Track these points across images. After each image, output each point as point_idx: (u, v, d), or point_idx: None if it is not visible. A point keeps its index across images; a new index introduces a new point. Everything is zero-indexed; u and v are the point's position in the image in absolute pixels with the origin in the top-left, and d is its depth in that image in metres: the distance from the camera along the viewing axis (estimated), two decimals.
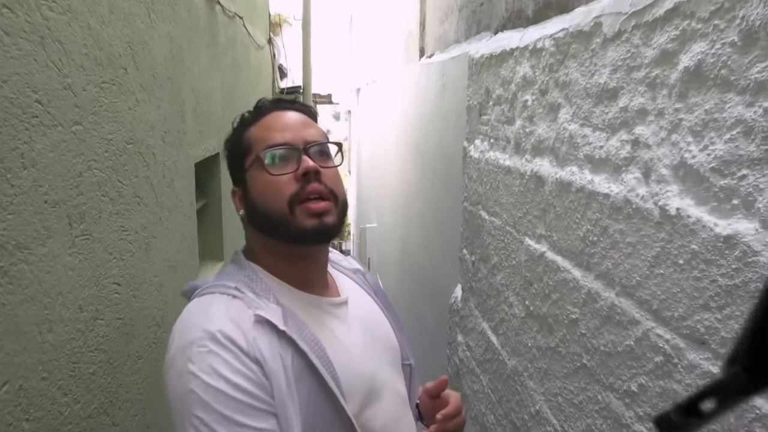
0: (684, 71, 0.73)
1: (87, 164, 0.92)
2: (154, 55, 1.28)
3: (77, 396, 0.88)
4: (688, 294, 0.70)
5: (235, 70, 2.46)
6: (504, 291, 1.38)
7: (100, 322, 0.97)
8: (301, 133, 0.91)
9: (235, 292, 0.83)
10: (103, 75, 0.98)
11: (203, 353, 0.75)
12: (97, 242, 0.96)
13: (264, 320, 0.81)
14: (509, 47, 1.36)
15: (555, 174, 1.09)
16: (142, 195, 1.19)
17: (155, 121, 1.28)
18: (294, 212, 0.86)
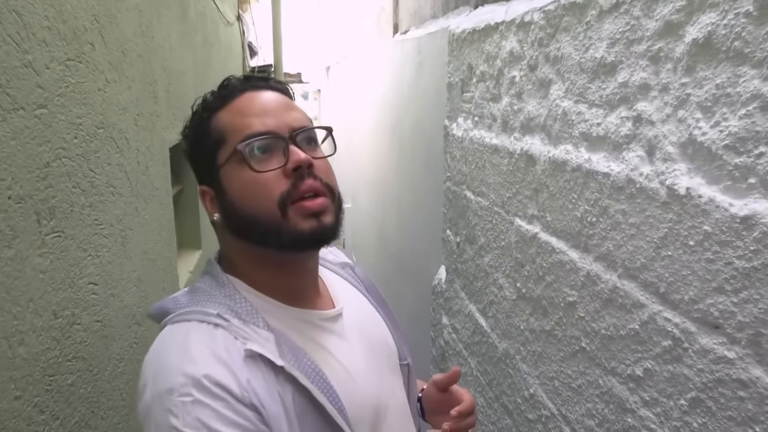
0: (692, 44, 0.69)
1: (55, 153, 0.83)
2: (123, 29, 1.18)
3: (55, 412, 0.81)
4: (700, 277, 0.67)
5: (206, 48, 2.35)
6: (493, 273, 1.35)
7: (77, 327, 0.89)
8: (285, 117, 0.77)
9: (217, 320, 0.70)
10: (68, 51, 0.89)
11: (187, 404, 0.62)
12: (69, 239, 0.87)
13: (257, 354, 0.68)
14: (494, 21, 1.32)
15: (547, 153, 1.05)
16: (116, 184, 1.10)
17: (127, 103, 1.18)
18: (286, 214, 0.73)
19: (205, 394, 0.63)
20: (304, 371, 0.70)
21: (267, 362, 0.68)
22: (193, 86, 1.91)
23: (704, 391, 0.67)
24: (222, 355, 0.67)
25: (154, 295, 1.31)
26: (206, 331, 0.69)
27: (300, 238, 0.73)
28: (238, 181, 0.75)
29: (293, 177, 0.73)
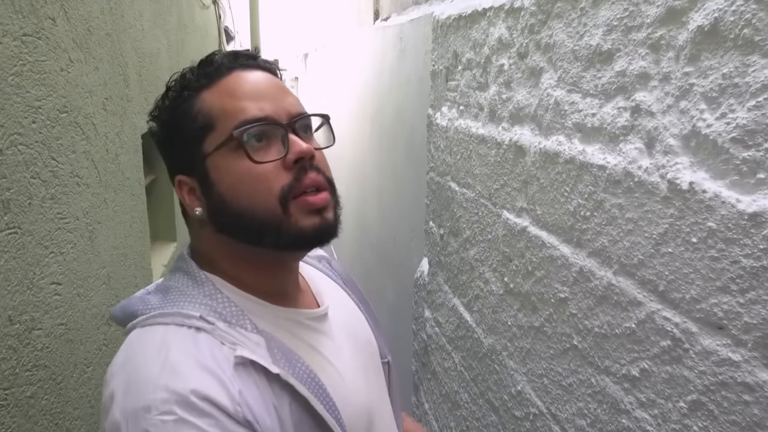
0: (696, 31, 0.66)
1: (9, 139, 0.75)
2: (88, 5, 1.09)
3: (13, 428, 0.74)
4: (703, 275, 0.65)
5: (181, 31, 2.26)
6: (479, 266, 1.32)
7: (37, 332, 0.82)
8: (282, 102, 0.69)
9: (200, 323, 0.62)
10: (24, 25, 0.81)
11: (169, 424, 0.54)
12: (27, 235, 0.80)
13: (248, 361, 0.61)
14: (481, 7, 1.27)
15: (538, 143, 1.02)
16: (82, 174, 1.02)
17: (94, 86, 1.10)
18: (288, 210, 0.65)
19: (191, 412, 0.55)
20: (301, 379, 0.64)
21: (259, 369, 0.62)
22: (167, 69, 1.83)
23: (706, 393, 0.65)
24: (209, 364, 0.59)
25: (125, 292, 1.24)
26: (187, 336, 0.61)
27: (301, 236, 0.67)
28: (232, 173, 0.66)
29: (295, 169, 0.66)
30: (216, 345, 0.61)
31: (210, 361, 0.59)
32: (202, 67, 0.71)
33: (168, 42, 1.91)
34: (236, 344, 0.62)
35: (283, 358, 0.64)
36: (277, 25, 7.46)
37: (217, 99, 0.68)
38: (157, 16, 1.78)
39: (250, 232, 0.67)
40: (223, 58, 0.71)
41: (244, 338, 0.63)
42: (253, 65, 0.72)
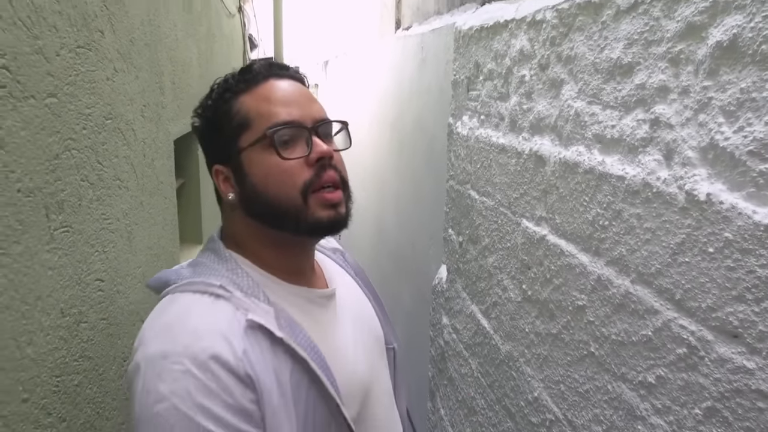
0: (715, 46, 0.68)
1: (64, 144, 0.80)
2: (131, 17, 1.15)
3: (62, 414, 0.78)
4: (719, 284, 0.66)
5: (210, 40, 2.32)
6: (497, 274, 1.34)
7: (83, 325, 0.87)
8: (308, 109, 0.80)
9: (220, 291, 0.73)
10: (78, 38, 0.86)
11: (177, 373, 0.64)
12: (77, 234, 0.85)
13: (256, 325, 0.71)
14: (503, 19, 1.30)
15: (558, 154, 1.04)
16: (123, 177, 1.07)
17: (134, 94, 1.15)
18: (307, 202, 0.77)
19: (197, 367, 0.65)
20: (301, 344, 0.73)
21: (266, 334, 0.71)
22: (197, 77, 1.88)
23: (721, 400, 0.66)
24: (222, 326, 0.69)
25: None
26: (208, 303, 0.72)
27: (318, 225, 0.78)
28: (263, 166, 0.77)
29: (316, 167, 0.77)
30: (231, 310, 0.71)
31: (223, 324, 0.69)
32: (242, 73, 0.83)
33: (198, 51, 1.97)
34: (249, 311, 0.72)
35: (288, 326, 0.74)
36: (299, 32, 7.55)
37: (254, 102, 0.79)
38: (189, 26, 1.83)
39: (274, 218, 0.78)
40: (260, 67, 0.83)
41: (256, 307, 0.73)
42: (285, 75, 0.84)
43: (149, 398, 0.65)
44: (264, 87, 0.80)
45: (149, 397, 0.65)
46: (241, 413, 0.66)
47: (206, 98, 0.84)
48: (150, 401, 0.64)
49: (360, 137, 3.88)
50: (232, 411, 0.66)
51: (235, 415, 0.66)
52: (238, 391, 0.66)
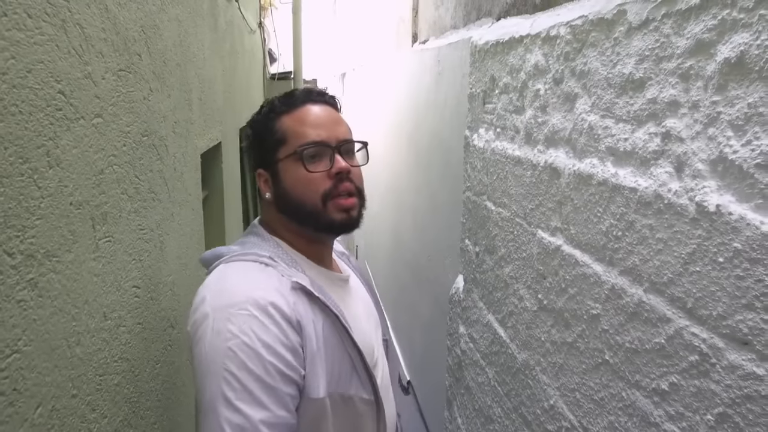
0: (723, 63, 0.70)
1: (107, 160, 0.87)
2: (165, 39, 1.23)
3: (104, 410, 0.84)
4: (729, 293, 0.68)
5: (233, 57, 2.39)
6: (513, 284, 1.36)
7: (122, 329, 0.93)
8: (334, 131, 0.98)
9: (269, 261, 0.90)
10: (119, 62, 0.93)
11: (244, 316, 0.80)
12: (118, 244, 0.91)
13: (299, 287, 0.88)
14: (518, 34, 1.33)
15: (572, 166, 1.06)
16: (156, 190, 1.14)
17: (167, 111, 1.23)
18: (326, 206, 0.95)
19: (260, 312, 0.81)
20: (332, 304, 0.92)
21: (306, 294, 0.89)
22: (221, 93, 1.94)
23: (732, 406, 0.68)
24: (275, 284, 0.86)
25: (186, 298, 1.33)
26: (259, 268, 0.89)
27: (333, 225, 0.96)
28: (292, 175, 0.96)
29: (335, 179, 0.95)
30: (278, 276, 0.89)
31: (276, 282, 0.87)
32: (285, 97, 1.02)
33: (223, 67, 2.04)
34: (292, 276, 0.90)
35: (320, 291, 0.92)
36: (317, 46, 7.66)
37: (291, 123, 0.98)
38: (214, 44, 1.90)
39: (299, 217, 0.97)
40: (300, 93, 1.02)
41: (297, 275, 0.91)
42: (320, 101, 1.02)
43: (220, 338, 0.79)
44: (301, 110, 0.98)
45: (220, 336, 0.79)
46: (293, 351, 0.82)
47: (257, 114, 1.03)
48: (221, 340, 0.79)
49: (377, 149, 3.93)
50: (287, 349, 0.81)
51: (289, 352, 0.81)
52: (291, 333, 0.82)
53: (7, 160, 0.57)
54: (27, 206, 0.61)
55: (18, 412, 0.59)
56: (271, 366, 0.79)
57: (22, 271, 0.60)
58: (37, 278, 0.64)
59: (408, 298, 2.92)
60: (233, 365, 0.78)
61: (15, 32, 0.58)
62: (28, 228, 0.61)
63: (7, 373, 0.57)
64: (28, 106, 0.61)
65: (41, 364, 0.65)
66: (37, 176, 0.64)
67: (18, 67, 0.59)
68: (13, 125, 0.58)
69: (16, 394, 0.58)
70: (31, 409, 0.62)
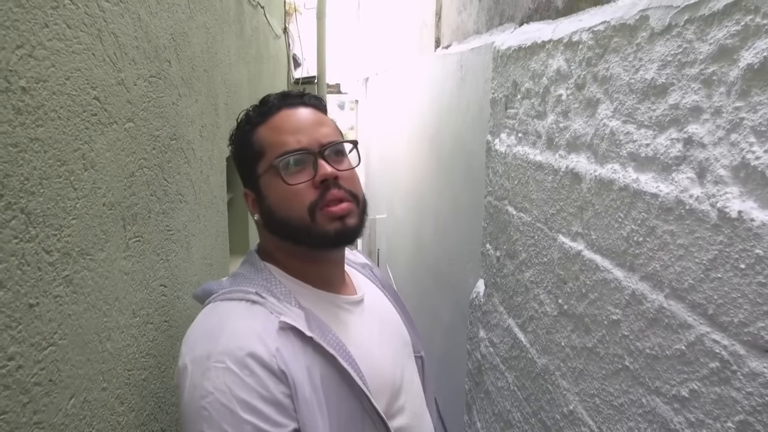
0: (747, 68, 0.70)
1: (138, 163, 0.90)
2: (193, 46, 1.26)
3: (132, 404, 0.87)
4: (751, 300, 0.68)
5: (258, 62, 2.45)
6: (533, 288, 1.36)
7: (150, 326, 0.96)
8: (315, 134, 0.88)
9: (256, 297, 0.82)
10: (150, 68, 0.96)
11: (219, 369, 0.73)
12: (146, 244, 0.94)
13: (288, 326, 0.79)
14: (540, 39, 1.33)
15: (594, 171, 1.06)
16: (184, 192, 1.17)
17: (194, 116, 1.26)
18: (315, 219, 0.85)
19: (236, 364, 0.73)
20: (329, 342, 0.81)
21: (297, 334, 0.79)
22: (247, 98, 1.99)
23: (753, 414, 0.68)
24: (257, 328, 0.77)
25: None
26: (244, 308, 0.80)
27: (326, 238, 0.85)
28: (275, 190, 0.87)
29: (321, 188, 0.85)
30: (266, 314, 0.80)
31: (258, 326, 0.78)
32: (260, 106, 0.92)
33: (248, 73, 2.09)
34: (281, 314, 0.80)
35: (317, 328, 0.82)
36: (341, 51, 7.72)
37: (267, 133, 0.89)
38: (240, 50, 1.94)
39: (289, 234, 0.87)
40: (275, 99, 0.92)
41: (288, 310, 0.82)
42: (298, 103, 0.92)
43: (196, 393, 0.73)
44: (276, 118, 0.89)
45: (195, 392, 0.73)
46: (275, 405, 0.74)
47: (235, 129, 0.95)
48: (196, 396, 0.73)
49: (399, 152, 3.94)
50: (268, 403, 0.73)
51: (270, 407, 0.73)
52: (272, 385, 0.74)
53: (47, 163, 0.60)
54: (64, 206, 0.65)
55: (53, 402, 0.62)
56: (248, 425, 0.71)
57: (58, 267, 0.63)
58: (72, 275, 0.67)
59: (429, 301, 2.93)
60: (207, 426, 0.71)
61: (55, 42, 0.61)
62: (65, 227, 0.65)
63: (44, 365, 0.60)
64: (66, 112, 0.65)
65: (75, 357, 0.68)
66: (73, 178, 0.67)
67: (57, 74, 0.62)
68: (53, 130, 0.61)
69: (52, 385, 0.62)
70: (65, 399, 0.65)
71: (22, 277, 0.55)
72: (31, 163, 0.57)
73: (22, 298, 0.55)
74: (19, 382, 0.55)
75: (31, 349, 0.57)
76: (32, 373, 0.57)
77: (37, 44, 0.57)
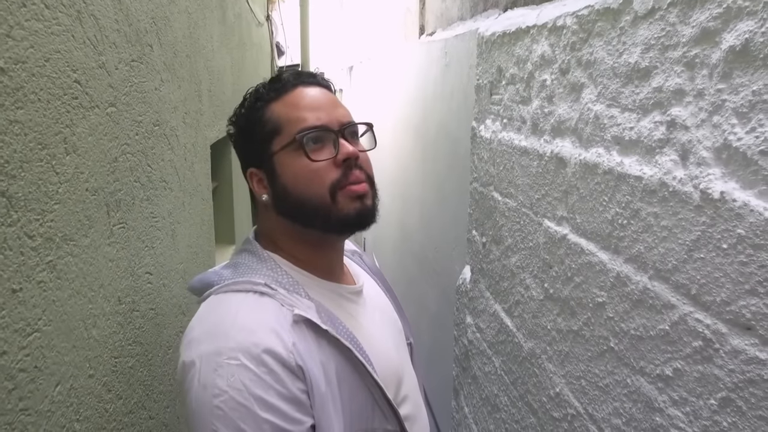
0: (728, 51, 0.71)
1: (121, 148, 0.88)
2: (175, 31, 1.24)
3: (119, 392, 0.86)
4: (733, 279, 0.69)
5: (241, 49, 2.43)
6: (519, 273, 1.37)
7: (136, 313, 0.95)
8: (334, 113, 0.85)
9: (265, 289, 0.77)
10: (132, 52, 0.94)
11: (233, 366, 0.68)
12: (131, 230, 0.93)
13: (303, 319, 0.75)
14: (525, 25, 1.33)
15: (578, 155, 1.07)
16: (168, 179, 1.16)
17: (177, 102, 1.24)
18: (336, 199, 0.81)
19: (251, 360, 0.69)
20: (342, 334, 0.78)
21: (311, 327, 0.75)
22: (230, 85, 1.98)
23: (735, 391, 0.69)
24: (270, 321, 0.73)
25: None
26: (254, 300, 0.76)
27: (348, 220, 0.82)
28: (293, 167, 0.82)
29: (343, 167, 0.82)
30: (277, 306, 0.76)
31: (271, 319, 0.73)
32: (272, 83, 0.88)
33: (231, 60, 2.07)
34: (293, 306, 0.76)
35: (328, 320, 0.78)
36: (325, 39, 7.65)
37: (284, 109, 0.84)
38: (223, 36, 1.92)
39: (305, 216, 0.82)
40: (289, 75, 0.88)
41: (299, 302, 0.77)
42: (313, 82, 0.88)
43: (207, 393, 0.68)
44: (293, 94, 0.85)
45: (207, 391, 0.68)
46: (293, 402, 0.70)
47: (239, 107, 0.89)
48: (208, 396, 0.68)
49: (384, 141, 3.93)
50: (286, 400, 0.70)
51: (288, 404, 0.70)
52: (290, 381, 0.70)
53: (27, 146, 0.59)
54: (46, 191, 0.63)
55: (39, 389, 0.61)
56: (266, 424, 0.67)
57: (41, 253, 0.62)
58: (56, 261, 0.66)
59: (415, 289, 2.94)
60: (223, 426, 0.67)
61: (33, 22, 0.60)
62: (47, 212, 0.64)
63: (29, 351, 0.59)
64: (46, 94, 0.63)
65: (60, 343, 0.67)
66: (55, 162, 0.66)
67: (36, 56, 0.61)
68: (33, 112, 0.60)
69: (37, 372, 0.61)
70: (51, 386, 0.64)
71: (4, 262, 0.55)
72: (11, 145, 0.56)
73: (5, 283, 0.55)
74: (3, 368, 0.54)
75: (15, 335, 0.56)
76: (17, 359, 0.57)
77: (15, 24, 0.56)
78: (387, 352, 0.88)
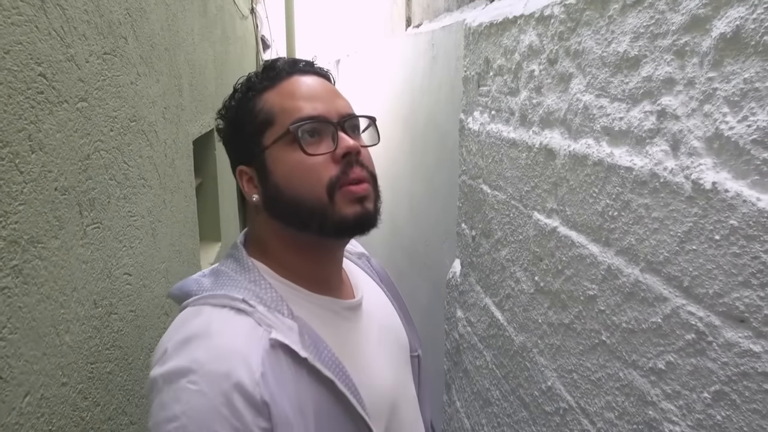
0: (719, 38, 0.69)
1: (94, 145, 0.85)
2: (152, 23, 1.20)
3: (97, 398, 0.83)
4: (725, 271, 0.67)
5: (224, 43, 2.38)
6: (510, 266, 1.35)
7: (114, 316, 0.91)
8: (333, 103, 0.77)
9: (242, 306, 0.70)
10: (104, 45, 0.90)
11: (191, 392, 0.63)
12: (107, 230, 0.89)
13: (279, 344, 0.68)
14: (512, 15, 1.31)
15: (567, 147, 1.05)
16: (147, 177, 1.12)
17: (155, 96, 1.20)
18: (333, 199, 0.72)
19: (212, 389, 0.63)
20: (325, 363, 0.70)
21: (288, 353, 0.68)
22: (213, 79, 1.94)
23: (728, 384, 0.68)
24: (240, 346, 0.66)
25: None
26: (228, 318, 0.69)
27: (344, 224, 0.73)
28: (286, 163, 0.74)
29: (342, 163, 0.73)
30: (252, 327, 0.68)
31: (242, 344, 0.66)
32: (265, 71, 0.80)
33: (214, 53, 2.03)
34: (272, 327, 0.68)
35: (312, 344, 0.70)
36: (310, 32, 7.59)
37: (278, 98, 0.76)
38: (205, 29, 1.88)
39: (299, 218, 0.74)
40: (284, 63, 0.80)
41: (279, 322, 0.69)
42: (310, 71, 0.81)
43: (162, 415, 0.64)
44: (288, 83, 0.78)
45: (162, 413, 0.64)
46: None
47: (229, 99, 0.82)
48: (162, 418, 0.64)
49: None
50: None
51: None
52: (250, 416, 0.64)
53: None
54: (8, 191, 0.60)
55: (5, 401, 0.58)
56: None
57: (5, 257, 0.59)
58: (22, 265, 0.63)
59: (405, 284, 2.92)
60: None
61: None
62: (11, 213, 0.61)
63: None
64: (6, 89, 0.60)
65: (28, 352, 0.64)
66: (18, 161, 0.62)
67: None
68: None
69: (2, 383, 0.58)
70: (18, 397, 0.61)
71: None
72: None
73: None
74: None
75: None
76: None
77: None
78: (380, 376, 0.80)
